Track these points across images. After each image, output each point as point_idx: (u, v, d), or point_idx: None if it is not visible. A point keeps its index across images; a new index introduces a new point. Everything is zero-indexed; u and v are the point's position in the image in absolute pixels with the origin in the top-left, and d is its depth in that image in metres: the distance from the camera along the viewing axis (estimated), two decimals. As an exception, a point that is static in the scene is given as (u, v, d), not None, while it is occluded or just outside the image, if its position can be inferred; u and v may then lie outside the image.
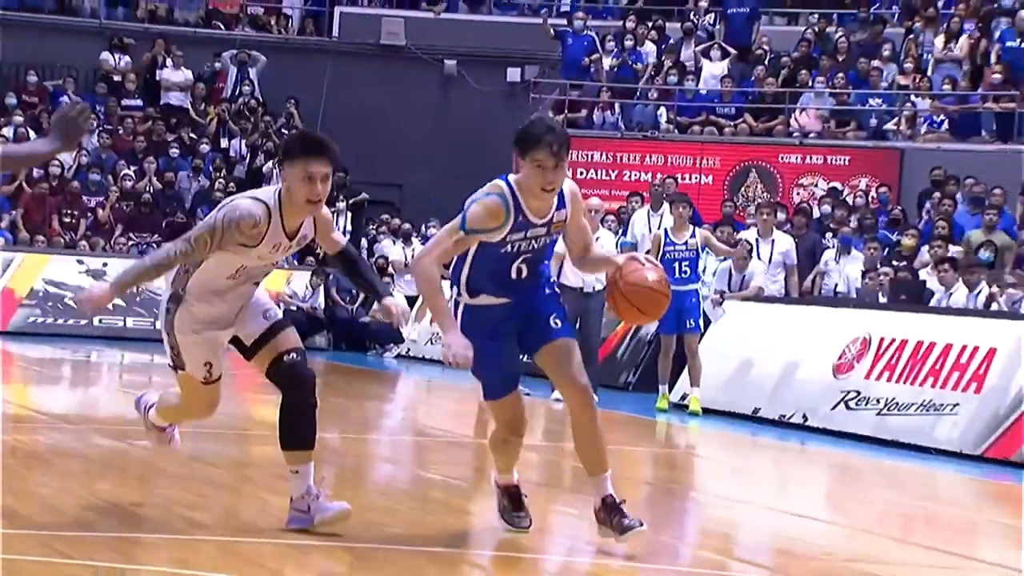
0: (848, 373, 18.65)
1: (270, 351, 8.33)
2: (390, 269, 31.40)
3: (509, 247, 8.21)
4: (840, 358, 18.87)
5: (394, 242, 33.14)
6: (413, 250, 30.75)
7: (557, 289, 8.69)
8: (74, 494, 10.56)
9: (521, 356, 8.74)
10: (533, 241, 8.25)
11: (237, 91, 35.77)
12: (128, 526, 9.28)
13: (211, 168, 34.07)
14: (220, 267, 8.22)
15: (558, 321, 8.42)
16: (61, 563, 7.71)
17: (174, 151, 34.73)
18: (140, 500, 10.34)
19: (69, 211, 31.44)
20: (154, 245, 29.90)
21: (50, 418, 16.90)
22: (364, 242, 33.25)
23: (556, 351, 8.37)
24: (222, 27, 38.71)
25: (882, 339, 18.60)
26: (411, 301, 23.61)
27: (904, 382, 18.18)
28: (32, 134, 30.64)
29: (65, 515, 9.49)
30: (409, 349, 31.04)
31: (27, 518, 8.89)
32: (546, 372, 8.65)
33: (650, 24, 33.27)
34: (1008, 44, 29.11)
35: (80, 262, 28.98)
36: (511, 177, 8.26)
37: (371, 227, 34.06)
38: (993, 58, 29.14)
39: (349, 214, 33.55)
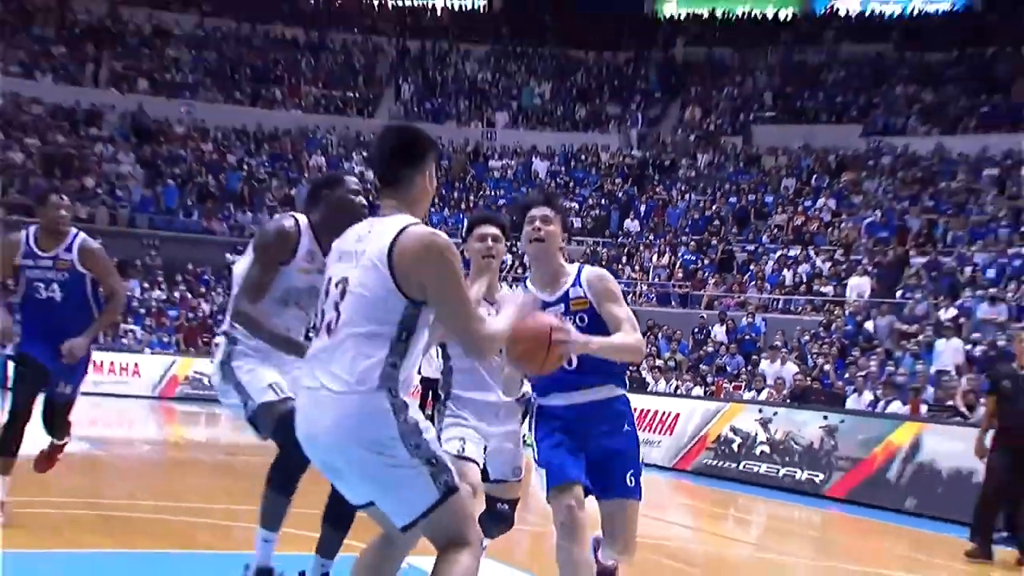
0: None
1: (494, 493, 7.34)
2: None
3: None
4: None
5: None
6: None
7: (628, 426, 6.88)
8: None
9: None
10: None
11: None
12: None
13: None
14: None
15: (633, 479, 6.73)
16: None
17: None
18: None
19: None
20: None
21: None
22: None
23: (620, 512, 6.67)
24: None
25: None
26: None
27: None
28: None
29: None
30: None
31: None
32: (602, 523, 6.80)
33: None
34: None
35: None
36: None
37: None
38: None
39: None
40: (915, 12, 43.48)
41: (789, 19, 45.27)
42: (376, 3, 47.95)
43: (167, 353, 34.56)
